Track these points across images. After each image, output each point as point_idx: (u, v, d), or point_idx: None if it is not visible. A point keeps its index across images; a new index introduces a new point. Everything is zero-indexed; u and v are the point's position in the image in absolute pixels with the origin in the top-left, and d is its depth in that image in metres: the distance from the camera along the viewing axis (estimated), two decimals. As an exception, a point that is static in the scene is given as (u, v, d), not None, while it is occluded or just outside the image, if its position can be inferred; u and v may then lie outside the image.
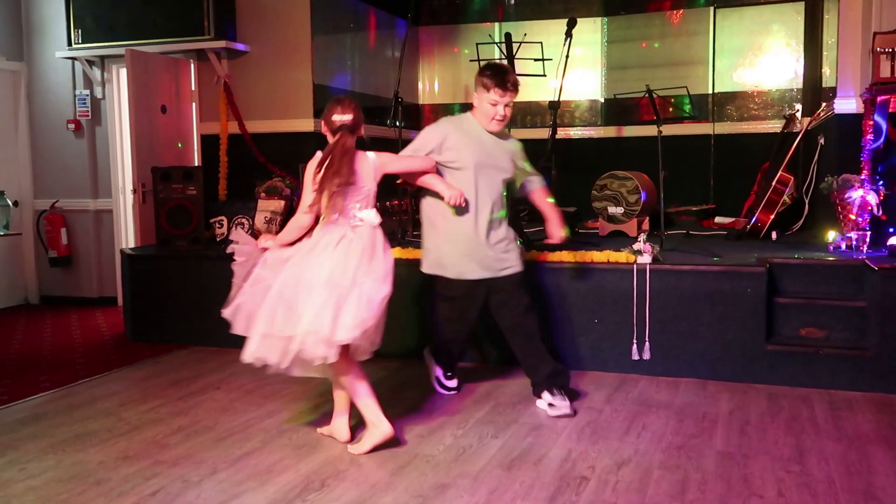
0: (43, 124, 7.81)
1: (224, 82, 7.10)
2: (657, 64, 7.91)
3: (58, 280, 7.88)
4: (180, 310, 5.91)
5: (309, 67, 6.93)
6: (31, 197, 7.85)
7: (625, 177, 6.53)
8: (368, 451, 3.56)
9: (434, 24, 8.77)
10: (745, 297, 4.63)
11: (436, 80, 8.85)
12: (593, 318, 4.89)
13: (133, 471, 3.42)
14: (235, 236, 3.82)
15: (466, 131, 4.10)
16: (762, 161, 6.82)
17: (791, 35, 7.54)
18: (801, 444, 3.63)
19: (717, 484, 3.19)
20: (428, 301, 4.82)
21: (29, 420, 4.17)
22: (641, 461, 3.45)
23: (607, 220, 6.61)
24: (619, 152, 7.85)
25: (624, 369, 4.84)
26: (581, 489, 3.16)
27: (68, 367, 5.30)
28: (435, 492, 3.15)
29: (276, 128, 6.99)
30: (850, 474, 3.28)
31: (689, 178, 7.57)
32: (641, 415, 4.09)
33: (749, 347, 4.64)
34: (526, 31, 7.07)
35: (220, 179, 7.13)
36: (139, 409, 4.32)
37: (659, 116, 5.80)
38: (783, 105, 7.53)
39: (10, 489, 3.26)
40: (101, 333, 6.44)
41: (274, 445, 3.71)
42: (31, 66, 7.80)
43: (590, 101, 8.31)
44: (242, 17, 7.09)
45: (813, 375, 4.54)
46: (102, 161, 7.72)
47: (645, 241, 4.82)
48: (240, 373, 5.05)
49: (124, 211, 7.66)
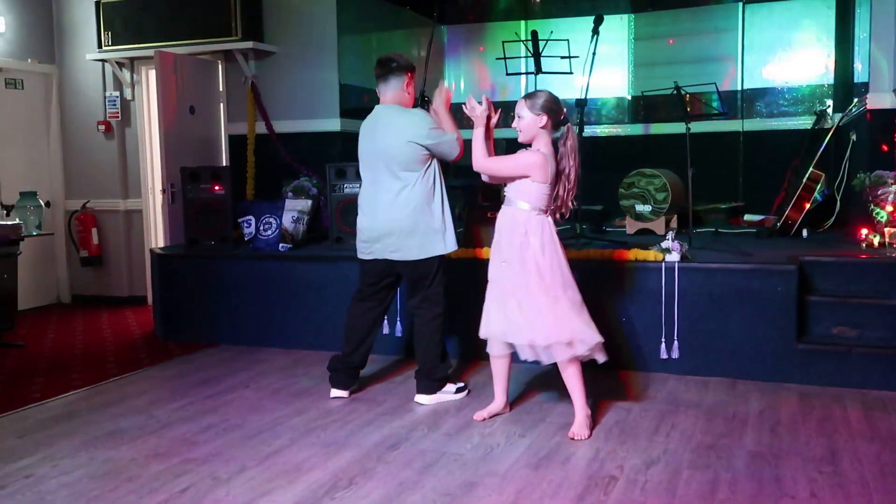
0: (74, 126, 7.92)
1: (251, 82, 7.15)
2: (685, 60, 7.84)
3: (89, 279, 7.99)
4: (209, 309, 5.96)
5: (335, 67, 6.96)
6: (63, 197, 7.96)
7: (652, 174, 6.48)
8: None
9: (460, 23, 8.77)
10: (776, 295, 4.58)
11: (462, 79, 8.84)
12: (621, 317, 4.86)
13: (164, 468, 3.45)
14: None
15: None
16: (792, 158, 6.74)
17: (822, 30, 7.44)
18: (833, 445, 3.58)
19: (747, 484, 3.15)
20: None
21: (62, 418, 4.23)
22: (671, 461, 3.42)
23: (635, 217, 6.57)
24: (647, 150, 7.80)
25: (652, 368, 4.81)
26: (610, 489, 3.14)
27: (100, 366, 5.36)
28: (463, 490, 3.15)
29: (303, 127, 7.03)
30: (884, 475, 3.23)
31: (718, 176, 7.49)
32: (670, 414, 4.05)
33: (780, 346, 4.58)
34: (552, 28, 7.04)
35: (247, 179, 7.18)
36: (169, 407, 4.36)
37: (687, 113, 5.75)
38: (814, 101, 7.44)
39: (44, 485, 3.30)
40: (132, 332, 6.51)
41: (302, 443, 3.73)
42: (62, 68, 7.91)
43: (617, 99, 8.26)
44: (269, 18, 7.13)
45: (845, 375, 4.47)
46: (132, 161, 7.80)
47: (673, 239, 4.78)
48: (268, 371, 5.09)
49: (154, 211, 7.74)
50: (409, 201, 4.15)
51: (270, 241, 6.06)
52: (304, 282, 5.61)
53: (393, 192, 4.17)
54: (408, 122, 4.15)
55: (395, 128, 4.14)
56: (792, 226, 6.02)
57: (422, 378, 4.35)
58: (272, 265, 5.80)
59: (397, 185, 4.16)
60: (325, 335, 5.40)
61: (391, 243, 4.21)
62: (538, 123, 3.77)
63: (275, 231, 6.08)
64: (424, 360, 4.34)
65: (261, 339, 5.78)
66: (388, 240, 4.21)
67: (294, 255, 5.80)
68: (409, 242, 4.18)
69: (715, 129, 7.55)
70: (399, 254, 4.21)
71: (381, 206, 4.21)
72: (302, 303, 5.61)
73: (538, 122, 3.77)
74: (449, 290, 4.33)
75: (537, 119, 3.76)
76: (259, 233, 6.13)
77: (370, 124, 4.28)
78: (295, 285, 5.67)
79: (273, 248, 6.02)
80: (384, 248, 4.24)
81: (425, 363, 4.33)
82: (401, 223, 4.16)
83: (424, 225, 4.17)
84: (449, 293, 4.33)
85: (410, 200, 4.15)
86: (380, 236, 4.23)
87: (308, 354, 5.44)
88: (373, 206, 4.26)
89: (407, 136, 4.10)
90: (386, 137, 4.15)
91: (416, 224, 4.16)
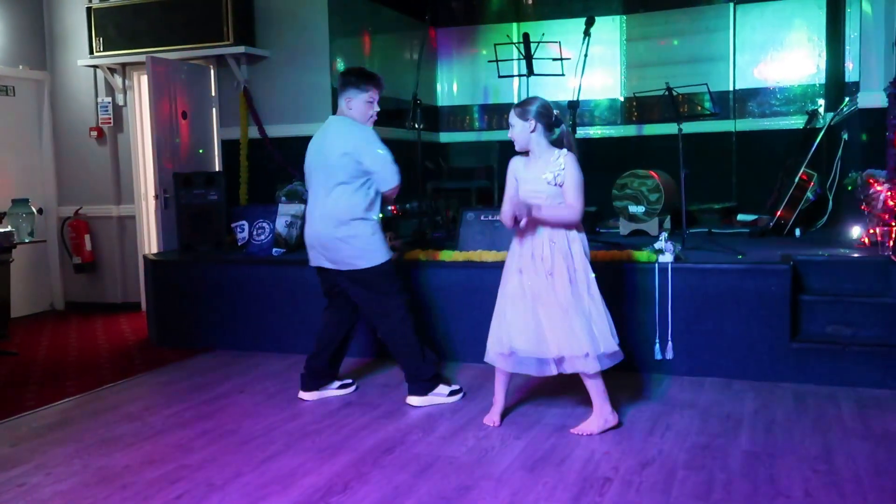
0: (66, 132, 7.90)
1: (244, 87, 7.14)
2: (677, 61, 7.85)
3: (82, 286, 7.96)
4: (203, 314, 5.95)
5: (327, 71, 6.95)
6: (56, 204, 7.94)
7: (645, 175, 6.49)
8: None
9: (452, 26, 8.77)
10: (770, 294, 4.59)
11: (454, 82, 8.85)
12: (615, 318, 4.85)
13: (158, 474, 3.44)
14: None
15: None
16: (784, 157, 6.75)
17: (813, 30, 7.46)
18: (828, 443, 3.59)
19: (742, 484, 3.16)
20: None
21: (55, 425, 4.22)
22: (666, 461, 3.42)
23: (628, 219, 6.58)
24: (640, 151, 7.81)
25: (647, 369, 4.81)
26: (605, 490, 3.13)
27: (94, 373, 5.34)
28: (458, 493, 3.15)
29: (296, 132, 7.01)
30: (878, 473, 3.24)
31: (711, 176, 7.51)
32: (665, 414, 4.06)
33: (774, 345, 4.59)
34: (544, 30, 7.05)
35: (240, 184, 7.17)
36: (164, 414, 4.35)
37: (679, 114, 5.76)
38: (805, 101, 7.45)
39: (38, 493, 3.29)
40: (126, 339, 6.49)
41: (297, 448, 3.72)
42: (53, 74, 7.89)
43: (609, 100, 8.27)
44: (261, 23, 7.13)
45: (840, 373, 4.48)
46: (125, 167, 7.79)
47: (667, 240, 4.78)
48: (263, 377, 5.08)
49: (147, 217, 7.73)
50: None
51: (264, 245, 6.06)
52: (297, 286, 5.60)
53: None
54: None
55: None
56: (785, 225, 6.03)
57: (411, 381, 4.36)
58: (266, 270, 5.79)
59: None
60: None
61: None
62: (528, 129, 3.78)
63: (268, 236, 6.07)
64: (407, 366, 4.36)
65: (255, 344, 5.77)
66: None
67: (288, 260, 5.79)
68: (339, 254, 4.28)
69: (707, 129, 7.56)
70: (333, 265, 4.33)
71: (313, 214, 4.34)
72: (296, 307, 5.60)
73: (528, 129, 3.78)
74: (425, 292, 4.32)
75: (527, 125, 3.78)
76: (252, 237, 6.13)
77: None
78: (289, 290, 5.66)
79: (267, 252, 6.01)
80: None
81: (409, 368, 4.35)
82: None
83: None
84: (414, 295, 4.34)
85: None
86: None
87: (303, 359, 5.39)
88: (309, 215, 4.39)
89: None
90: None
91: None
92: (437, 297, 5.22)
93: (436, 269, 5.25)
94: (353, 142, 4.17)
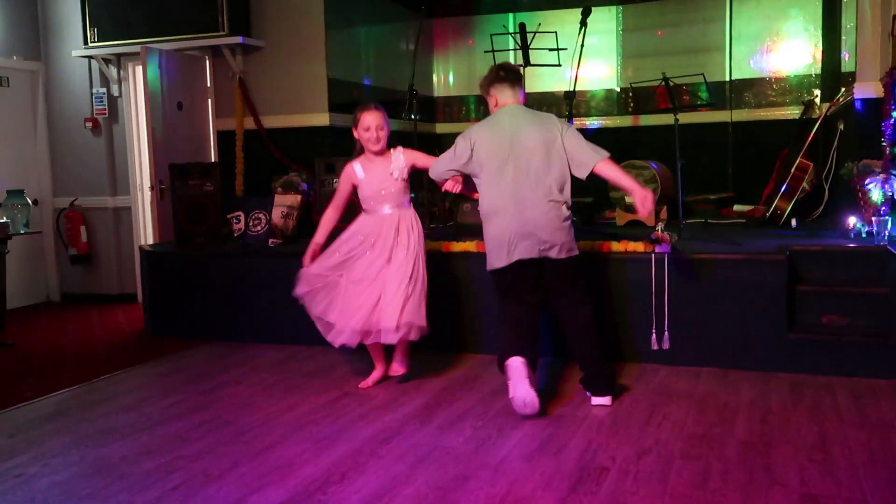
0: (61, 123, 7.87)
1: (239, 78, 7.12)
2: (673, 52, 7.83)
3: (78, 278, 7.95)
4: (200, 306, 5.95)
5: (323, 61, 6.93)
6: (51, 195, 7.91)
7: (642, 166, 6.49)
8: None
9: (448, 16, 8.74)
10: (766, 285, 4.60)
11: (450, 72, 8.83)
12: (612, 309, 4.87)
13: (155, 465, 3.44)
14: None
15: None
16: (781, 148, 6.75)
17: (809, 20, 7.45)
18: (824, 433, 3.60)
19: (739, 473, 3.17)
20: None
21: (52, 416, 4.22)
22: (662, 451, 3.43)
23: (625, 209, 6.58)
24: (636, 142, 7.80)
25: (644, 359, 4.82)
26: (602, 479, 3.14)
27: (90, 364, 5.34)
28: (455, 483, 3.15)
29: (292, 122, 7.00)
30: (873, 462, 3.25)
31: (707, 167, 7.50)
32: (662, 405, 4.07)
33: (770, 336, 4.60)
34: (540, 20, 7.03)
35: (236, 175, 7.15)
36: (161, 405, 4.35)
37: (675, 105, 5.76)
38: (801, 91, 7.45)
39: (35, 484, 3.29)
40: (122, 330, 6.49)
41: (294, 439, 3.72)
42: (48, 65, 7.85)
43: (605, 91, 8.26)
44: (257, 13, 7.10)
45: (835, 363, 4.49)
46: (120, 158, 7.76)
47: (663, 231, 4.78)
48: (260, 367, 5.08)
49: (143, 208, 7.71)
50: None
51: (260, 236, 6.05)
52: (294, 277, 5.58)
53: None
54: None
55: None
56: (781, 216, 6.04)
57: (597, 377, 4.11)
58: (262, 261, 5.78)
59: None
60: (316, 330, 5.36)
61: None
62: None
63: (264, 226, 6.07)
64: (595, 359, 4.10)
65: (252, 335, 5.76)
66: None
67: (284, 251, 5.78)
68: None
69: (704, 119, 7.55)
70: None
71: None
72: (293, 298, 5.58)
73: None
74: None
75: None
76: (248, 228, 6.12)
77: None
78: (285, 280, 5.61)
79: (263, 243, 6.00)
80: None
81: (596, 362, 4.11)
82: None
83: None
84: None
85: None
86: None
87: (300, 350, 5.44)
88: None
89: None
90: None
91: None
92: (436, 288, 5.21)
93: (433, 260, 5.24)
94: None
